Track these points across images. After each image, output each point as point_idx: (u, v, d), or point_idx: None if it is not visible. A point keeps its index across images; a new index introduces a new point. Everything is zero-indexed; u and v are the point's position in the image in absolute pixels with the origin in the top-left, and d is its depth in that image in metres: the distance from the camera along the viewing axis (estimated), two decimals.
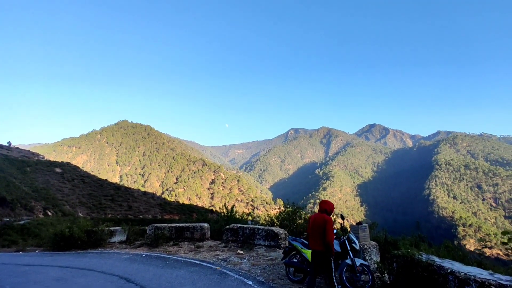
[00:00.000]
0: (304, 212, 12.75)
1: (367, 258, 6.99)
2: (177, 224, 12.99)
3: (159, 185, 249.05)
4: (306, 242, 6.61)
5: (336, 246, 6.15)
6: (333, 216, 12.78)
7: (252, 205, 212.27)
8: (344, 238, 6.31)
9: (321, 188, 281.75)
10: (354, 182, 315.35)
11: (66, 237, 11.82)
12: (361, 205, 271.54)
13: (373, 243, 7.40)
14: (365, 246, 7.08)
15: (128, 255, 10.32)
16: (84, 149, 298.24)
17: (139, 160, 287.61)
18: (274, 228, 10.47)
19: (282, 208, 12.43)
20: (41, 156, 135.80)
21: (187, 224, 12.81)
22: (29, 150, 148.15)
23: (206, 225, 12.71)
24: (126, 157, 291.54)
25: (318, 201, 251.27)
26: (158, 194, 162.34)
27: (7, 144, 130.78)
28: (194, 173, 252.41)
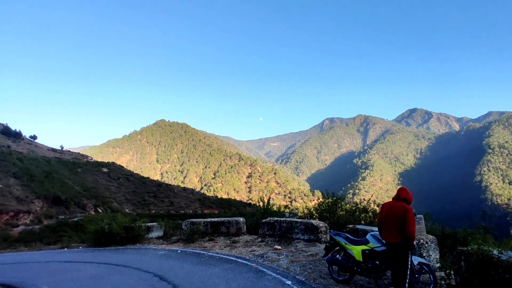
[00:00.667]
0: (344, 203, 11.81)
1: (424, 255, 6.03)
2: (212, 219, 12.71)
3: (198, 181, 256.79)
4: (351, 237, 5.81)
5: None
6: (368, 206, 11.75)
7: (289, 198, 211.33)
8: None
9: (360, 178, 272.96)
10: (395, 171, 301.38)
11: (106, 233, 12.04)
12: None
13: (431, 237, 6.40)
14: (421, 240, 6.11)
15: (164, 251, 10.17)
16: (127, 149, 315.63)
17: (178, 157, 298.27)
18: (313, 221, 9.72)
19: (321, 199, 11.60)
20: (90, 158, 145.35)
21: (223, 219, 12.48)
22: (79, 153, 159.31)
23: (241, 219, 12.27)
24: (166, 155, 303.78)
25: (357, 191, 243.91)
26: (197, 190, 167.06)
27: (60, 148, 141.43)
28: (231, 167, 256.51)
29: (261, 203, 15.91)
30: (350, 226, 8.59)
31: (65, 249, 13.04)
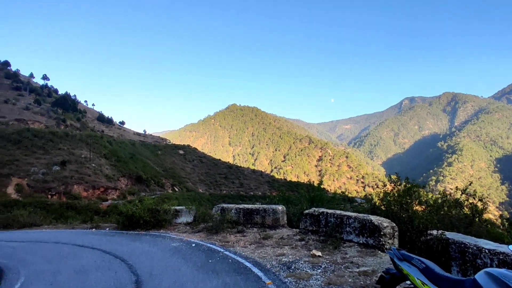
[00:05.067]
0: (424, 192, 8.24)
1: None
2: (246, 206, 10.48)
3: (268, 163, 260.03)
4: (440, 272, 2.78)
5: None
6: (466, 198, 7.84)
7: (362, 183, 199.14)
8: None
9: (445, 164, 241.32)
10: (491, 156, 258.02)
11: (129, 216, 10.86)
12: (502, 183, 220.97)
13: None
14: None
15: (178, 243, 8.35)
16: (202, 133, 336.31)
17: (249, 141, 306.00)
18: (373, 218, 6.65)
19: (389, 185, 8.26)
20: (168, 141, 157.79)
21: (258, 206, 10.13)
22: (159, 136, 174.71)
23: (280, 207, 9.72)
24: (237, 138, 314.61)
25: (441, 178, 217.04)
26: (267, 172, 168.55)
27: (143, 132, 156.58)
28: (301, 150, 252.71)
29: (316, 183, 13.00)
30: (434, 232, 5.39)
31: (93, 229, 12.43)
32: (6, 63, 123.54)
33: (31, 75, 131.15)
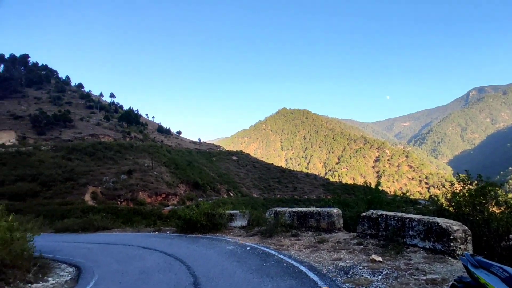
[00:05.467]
0: (503, 192, 7.24)
1: None
2: (300, 209, 10.28)
3: (322, 166, 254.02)
4: None
5: None
6: None
7: (426, 183, 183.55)
8: None
9: None
10: None
11: (187, 220, 11.39)
12: None
13: None
14: None
15: (234, 246, 8.49)
16: (253, 139, 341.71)
17: (301, 144, 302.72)
18: (440, 220, 6.02)
19: (457, 185, 7.43)
20: (222, 148, 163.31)
21: (312, 209, 9.87)
22: (213, 143, 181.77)
23: (335, 210, 9.35)
24: (289, 142, 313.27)
25: None
26: (321, 175, 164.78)
27: (198, 140, 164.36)
28: (356, 151, 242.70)
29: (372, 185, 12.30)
30: None
31: (156, 232, 13.27)
32: (80, 85, 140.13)
33: (101, 94, 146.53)
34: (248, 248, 8.05)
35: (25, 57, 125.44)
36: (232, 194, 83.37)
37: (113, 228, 17.65)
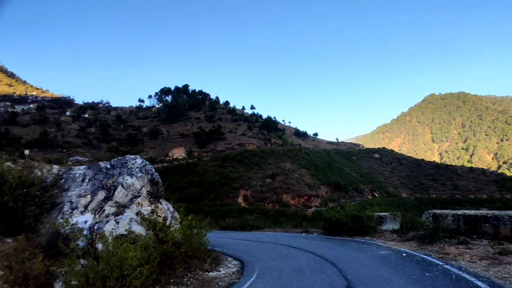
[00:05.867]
0: None
1: None
2: (466, 212, 8.44)
3: (492, 158, 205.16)
4: None
5: None
6: None
7: None
8: None
9: None
10: None
11: (333, 222, 11.24)
12: None
13: None
14: None
15: (386, 251, 7.80)
16: (397, 133, 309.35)
17: (458, 133, 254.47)
18: None
19: None
20: (361, 146, 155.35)
21: (485, 212, 7.95)
22: (351, 142, 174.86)
23: None
24: (442, 133, 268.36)
25: None
26: (491, 169, 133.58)
27: (336, 140, 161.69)
28: None
29: None
30: None
31: (303, 234, 13.60)
32: (227, 102, 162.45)
33: (243, 108, 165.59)
34: (404, 254, 7.26)
35: (186, 86, 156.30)
36: (377, 195, 78.06)
37: (265, 228, 19.43)
